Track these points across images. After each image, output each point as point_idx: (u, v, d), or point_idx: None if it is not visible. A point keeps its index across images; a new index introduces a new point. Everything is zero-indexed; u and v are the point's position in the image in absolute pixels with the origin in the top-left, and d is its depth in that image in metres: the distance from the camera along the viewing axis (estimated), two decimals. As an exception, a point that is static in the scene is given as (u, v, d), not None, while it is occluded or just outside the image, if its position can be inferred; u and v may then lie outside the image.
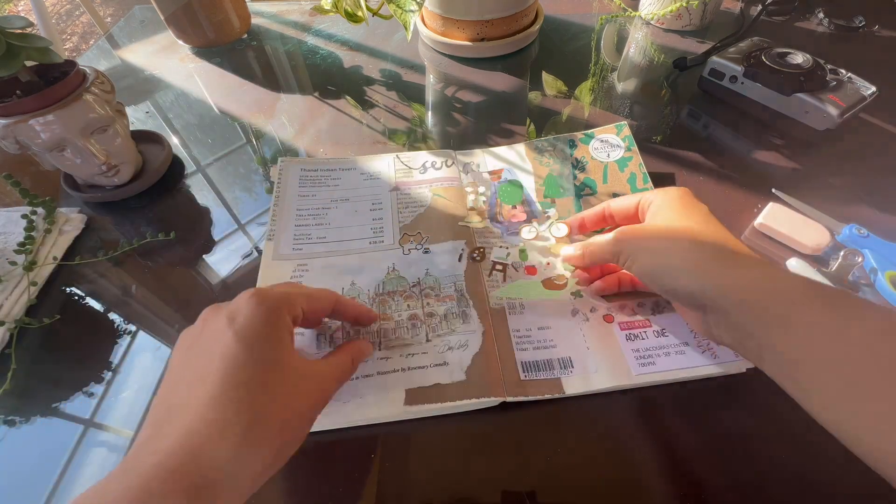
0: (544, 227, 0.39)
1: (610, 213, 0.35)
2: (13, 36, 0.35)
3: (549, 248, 0.38)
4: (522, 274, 0.37)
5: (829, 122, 0.45)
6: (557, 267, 0.37)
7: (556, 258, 0.37)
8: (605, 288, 0.34)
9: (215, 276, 0.39)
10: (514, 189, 0.42)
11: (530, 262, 0.37)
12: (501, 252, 0.38)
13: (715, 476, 0.27)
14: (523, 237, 0.39)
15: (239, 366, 0.20)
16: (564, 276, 0.36)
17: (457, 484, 0.28)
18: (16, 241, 0.38)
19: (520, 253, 0.38)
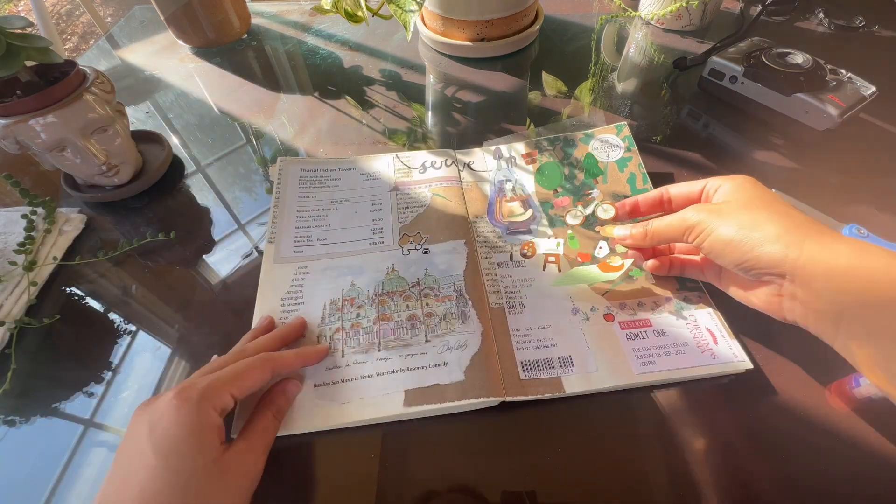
0: (590, 208, 0.39)
1: (669, 197, 0.34)
2: (13, 36, 0.35)
3: (602, 231, 0.38)
4: (576, 262, 0.37)
5: (829, 122, 0.45)
6: (605, 248, 0.37)
7: (606, 240, 0.37)
8: (660, 266, 0.35)
9: (215, 276, 0.39)
10: (552, 170, 0.40)
11: (582, 249, 0.37)
12: (551, 243, 0.38)
13: (715, 476, 0.27)
14: (569, 222, 0.38)
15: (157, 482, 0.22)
16: (618, 258, 0.36)
17: (457, 484, 0.28)
18: (16, 241, 0.38)
19: (569, 240, 0.38)
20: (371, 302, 0.35)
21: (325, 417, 0.29)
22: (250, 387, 0.27)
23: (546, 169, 0.41)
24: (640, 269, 0.36)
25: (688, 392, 0.31)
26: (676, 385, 0.31)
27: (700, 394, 0.31)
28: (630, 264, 0.36)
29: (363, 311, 0.35)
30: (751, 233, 0.27)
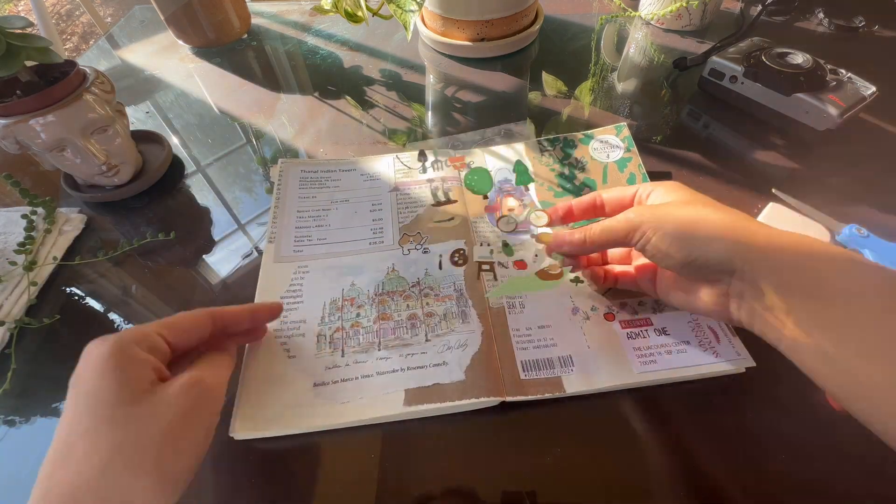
0: (523, 216, 0.38)
1: (602, 202, 0.33)
2: (13, 36, 0.35)
3: (538, 238, 0.37)
4: (513, 270, 0.36)
5: (829, 122, 0.45)
6: (541, 257, 0.36)
7: (543, 247, 0.36)
8: (596, 277, 0.34)
9: (215, 276, 0.39)
10: (481, 176, 0.39)
11: (517, 257, 0.36)
12: (484, 251, 0.36)
13: (715, 475, 0.27)
14: (502, 229, 0.37)
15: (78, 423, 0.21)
16: (557, 265, 0.35)
17: (457, 484, 0.28)
18: (16, 241, 0.38)
19: (503, 247, 0.36)
20: (371, 301, 0.35)
21: (325, 417, 0.29)
22: (184, 330, 0.26)
23: (476, 174, 0.39)
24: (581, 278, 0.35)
25: (689, 391, 0.31)
26: (678, 384, 0.31)
27: (701, 392, 0.31)
28: (568, 272, 0.35)
29: (363, 310, 0.35)
30: (697, 228, 0.26)
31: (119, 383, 0.22)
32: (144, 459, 0.21)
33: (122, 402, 0.21)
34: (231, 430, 0.29)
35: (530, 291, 0.34)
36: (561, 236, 0.32)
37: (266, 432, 0.29)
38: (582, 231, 0.31)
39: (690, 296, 0.29)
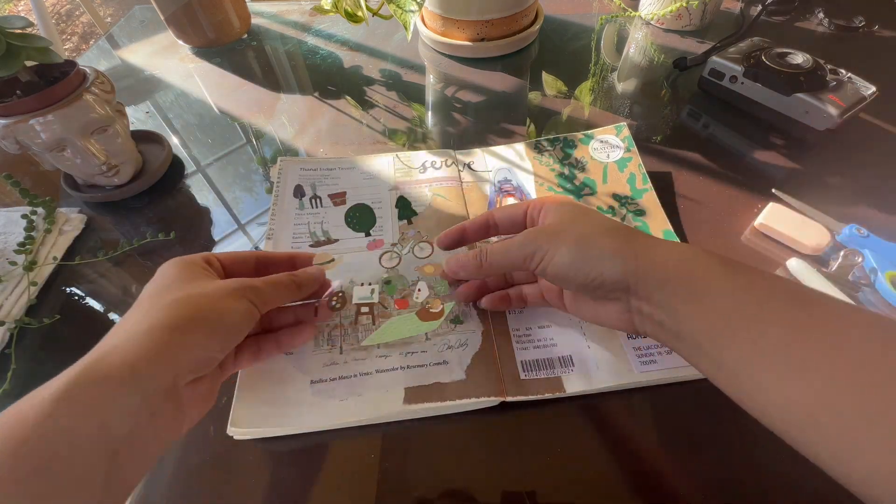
0: (406, 249, 0.36)
1: (494, 222, 0.32)
2: (13, 36, 0.35)
3: (421, 270, 0.35)
4: (394, 310, 0.33)
5: (829, 122, 0.45)
6: (425, 291, 0.34)
7: (427, 280, 0.34)
8: (498, 301, 0.33)
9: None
10: (364, 214, 0.37)
11: (399, 294, 0.34)
12: (364, 291, 0.34)
13: (715, 475, 0.27)
14: (384, 265, 0.35)
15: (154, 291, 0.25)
16: (439, 302, 0.33)
17: (457, 484, 0.28)
18: (16, 241, 0.38)
19: (385, 285, 0.34)
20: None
21: (323, 415, 0.29)
22: (235, 259, 0.29)
23: (357, 211, 0.37)
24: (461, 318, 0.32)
25: (688, 391, 0.31)
26: (677, 384, 0.31)
27: (701, 392, 0.31)
28: (451, 308, 0.33)
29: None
30: (590, 250, 0.26)
31: (179, 272, 0.26)
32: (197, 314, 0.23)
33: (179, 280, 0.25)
34: (229, 428, 0.29)
35: (406, 337, 0.32)
36: (456, 262, 0.31)
37: (264, 431, 0.29)
38: (476, 255, 0.30)
39: (598, 313, 0.29)
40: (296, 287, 0.29)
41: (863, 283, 0.35)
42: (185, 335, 0.22)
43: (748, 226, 0.40)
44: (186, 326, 0.22)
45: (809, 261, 0.36)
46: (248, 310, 0.25)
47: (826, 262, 0.37)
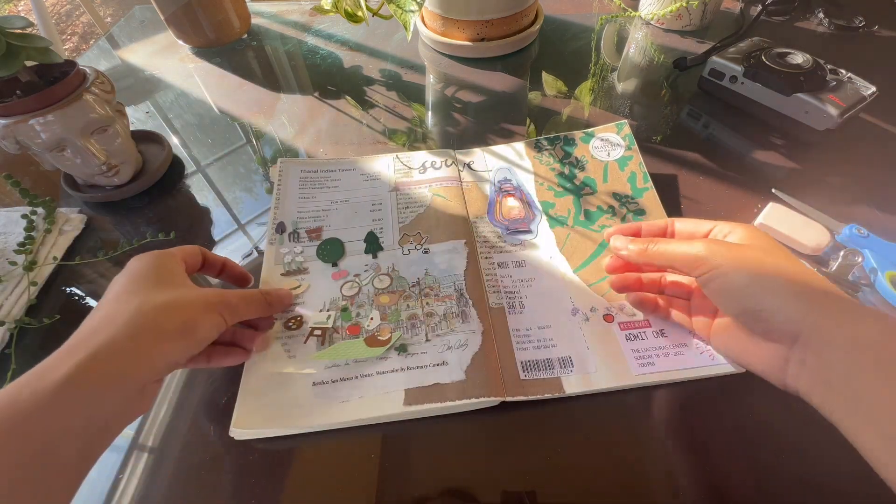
0: (367, 280, 0.36)
1: (672, 230, 0.32)
2: (13, 36, 0.35)
3: (377, 299, 0.35)
4: (344, 335, 0.33)
5: (829, 122, 0.45)
6: (377, 319, 0.34)
7: (381, 309, 0.35)
8: (645, 303, 0.32)
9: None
10: (334, 246, 0.38)
11: (353, 322, 0.34)
12: (321, 316, 0.34)
13: (714, 475, 0.27)
14: (345, 294, 0.36)
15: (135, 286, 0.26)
16: (387, 331, 0.33)
17: (457, 484, 0.28)
18: (16, 241, 0.38)
19: (342, 313, 0.35)
20: (371, 301, 0.35)
21: (325, 416, 0.29)
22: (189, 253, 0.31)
23: (329, 245, 0.39)
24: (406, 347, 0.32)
25: (687, 392, 0.31)
26: (676, 385, 0.31)
27: (699, 393, 0.31)
28: (398, 337, 0.33)
29: (363, 310, 0.35)
30: (772, 282, 0.24)
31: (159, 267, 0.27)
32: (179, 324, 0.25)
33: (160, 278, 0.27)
34: (231, 429, 0.29)
35: (352, 358, 0.32)
36: (622, 239, 0.32)
37: (266, 431, 0.29)
38: (646, 240, 0.30)
39: (748, 348, 0.27)
40: (266, 304, 0.32)
41: (863, 283, 0.35)
42: (165, 343, 0.24)
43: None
44: (168, 335, 0.24)
45: (809, 261, 0.36)
46: (219, 323, 0.27)
47: (826, 262, 0.37)
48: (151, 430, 0.30)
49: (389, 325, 0.34)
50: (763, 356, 0.26)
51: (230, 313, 0.28)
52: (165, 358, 0.24)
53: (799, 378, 0.24)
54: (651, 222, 0.33)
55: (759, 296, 0.25)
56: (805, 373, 0.24)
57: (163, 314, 0.25)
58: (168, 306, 0.25)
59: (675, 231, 0.32)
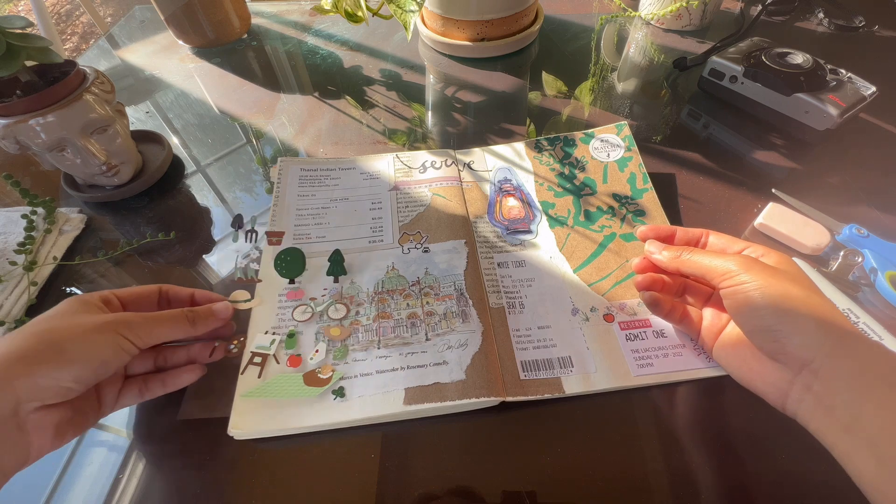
0: (321, 307, 0.34)
1: (705, 241, 0.32)
2: (13, 36, 0.35)
3: (327, 330, 0.33)
4: (284, 366, 0.32)
5: (829, 122, 0.45)
6: (322, 354, 0.32)
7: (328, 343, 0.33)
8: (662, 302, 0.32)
9: (215, 276, 0.39)
10: (295, 259, 0.36)
11: (296, 351, 0.32)
12: (265, 340, 0.32)
13: (713, 475, 0.27)
14: (296, 318, 0.34)
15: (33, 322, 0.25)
16: (329, 369, 0.31)
17: (457, 484, 0.28)
18: (16, 241, 0.38)
19: (287, 339, 0.33)
20: (371, 300, 0.35)
21: (325, 415, 0.29)
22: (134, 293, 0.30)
23: (288, 255, 0.36)
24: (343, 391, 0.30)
25: (687, 392, 0.31)
26: (675, 385, 0.31)
27: (699, 394, 0.31)
28: (338, 378, 0.31)
29: (363, 308, 0.35)
30: (795, 306, 0.25)
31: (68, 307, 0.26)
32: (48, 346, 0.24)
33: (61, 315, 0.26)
34: (229, 428, 0.29)
35: (287, 398, 0.30)
36: (658, 244, 0.32)
37: (264, 431, 0.29)
38: (679, 248, 0.31)
39: (752, 366, 0.27)
40: (188, 323, 0.29)
41: (863, 283, 0.35)
42: (31, 365, 0.23)
43: (748, 226, 0.40)
44: (33, 357, 0.23)
45: (809, 261, 0.36)
46: (114, 344, 0.25)
47: (826, 262, 0.37)
48: (151, 430, 0.30)
49: (334, 363, 0.32)
50: (766, 376, 0.26)
51: (136, 334, 0.26)
52: (32, 382, 0.23)
53: (801, 402, 0.24)
54: (687, 229, 0.33)
55: (780, 317, 0.25)
56: (809, 398, 0.24)
57: (28, 339, 0.24)
58: (44, 332, 0.24)
59: (707, 243, 0.32)
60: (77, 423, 0.25)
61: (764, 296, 0.25)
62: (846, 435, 0.23)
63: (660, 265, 0.32)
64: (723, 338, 0.30)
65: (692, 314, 0.32)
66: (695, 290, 0.33)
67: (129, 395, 0.29)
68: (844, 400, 0.23)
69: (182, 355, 0.31)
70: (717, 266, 0.28)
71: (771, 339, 0.25)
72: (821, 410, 0.24)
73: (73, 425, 0.25)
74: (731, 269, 0.27)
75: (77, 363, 0.24)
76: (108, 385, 0.28)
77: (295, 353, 0.32)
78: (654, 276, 0.32)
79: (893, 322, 0.33)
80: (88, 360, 0.24)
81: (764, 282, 0.26)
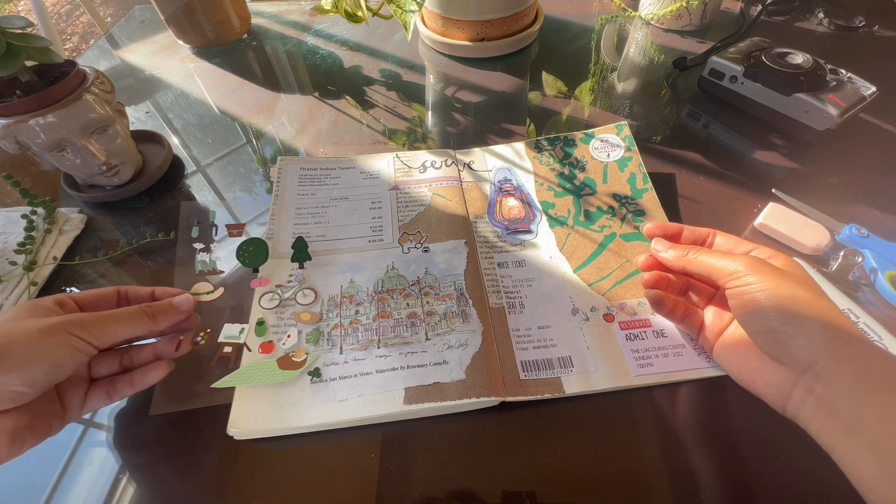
0: (290, 293, 0.35)
1: (712, 241, 0.32)
2: (13, 36, 0.35)
3: (298, 316, 0.34)
4: (256, 353, 0.32)
5: (829, 122, 0.45)
6: (294, 338, 0.33)
7: (300, 326, 0.33)
8: (664, 299, 0.32)
9: (215, 277, 0.39)
10: (257, 249, 0.36)
11: (267, 338, 0.33)
12: (233, 329, 0.32)
13: (713, 475, 0.27)
14: (263, 307, 0.34)
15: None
16: (303, 352, 0.32)
17: (457, 484, 0.28)
18: (16, 241, 0.38)
19: (256, 327, 0.33)
20: (370, 299, 0.35)
21: (324, 415, 0.29)
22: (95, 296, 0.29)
23: (251, 245, 0.36)
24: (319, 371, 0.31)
25: (687, 392, 0.31)
26: (675, 385, 0.31)
27: (699, 394, 0.31)
28: (314, 360, 0.32)
29: (362, 307, 0.35)
30: (801, 309, 0.25)
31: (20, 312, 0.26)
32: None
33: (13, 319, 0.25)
34: (228, 428, 0.29)
35: (263, 384, 0.30)
36: (664, 242, 0.32)
37: (264, 430, 0.29)
38: (686, 248, 0.31)
39: (751, 369, 0.27)
40: (148, 318, 0.28)
41: (863, 283, 0.35)
42: None
43: (748, 226, 0.40)
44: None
45: (810, 261, 0.36)
46: (66, 344, 0.24)
47: (826, 262, 0.37)
48: (151, 430, 0.30)
49: (306, 346, 0.32)
50: (768, 378, 0.26)
51: (90, 333, 0.25)
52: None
53: (802, 405, 0.24)
54: (694, 228, 0.33)
55: (785, 319, 0.25)
56: (811, 400, 0.24)
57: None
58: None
59: (713, 243, 0.32)
60: (37, 428, 0.25)
61: (770, 297, 0.25)
62: (848, 437, 0.22)
63: (665, 263, 0.32)
64: (724, 338, 0.30)
65: (694, 313, 0.32)
66: (697, 289, 0.33)
67: (97, 397, 0.28)
68: (847, 403, 0.23)
69: (148, 353, 0.30)
70: (723, 266, 0.28)
71: (775, 340, 0.25)
72: (822, 412, 0.24)
73: (31, 431, 0.24)
74: (738, 269, 0.27)
75: (26, 365, 0.23)
76: (71, 389, 0.27)
77: (266, 340, 0.32)
78: (660, 274, 0.32)
79: (893, 322, 0.33)
80: (37, 363, 0.23)
81: (771, 283, 0.26)
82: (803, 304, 0.25)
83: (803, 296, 0.25)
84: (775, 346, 0.25)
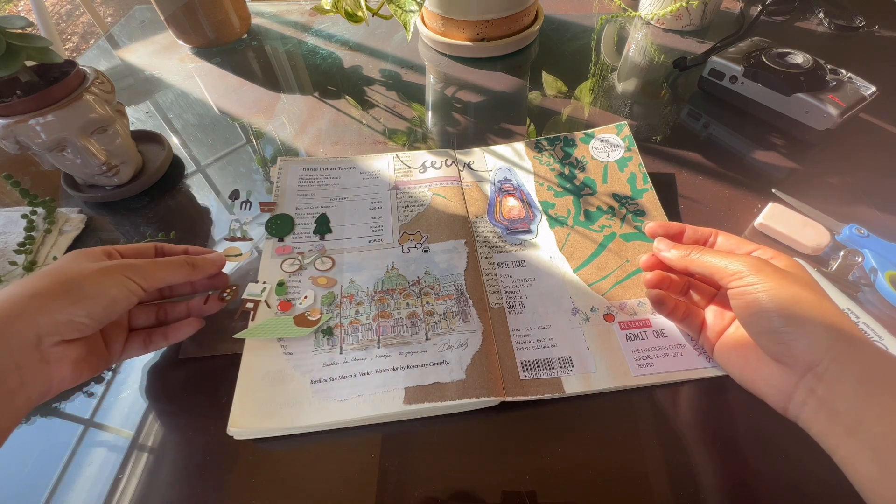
0: (308, 260, 0.37)
1: (714, 241, 0.32)
2: (13, 36, 0.35)
3: (315, 280, 0.36)
4: (275, 310, 0.34)
5: (829, 122, 0.45)
6: (311, 299, 0.35)
7: (316, 290, 0.35)
8: (665, 300, 0.32)
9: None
10: (284, 222, 0.40)
11: (286, 297, 0.35)
12: (256, 288, 0.35)
13: (713, 476, 0.27)
14: (285, 270, 0.37)
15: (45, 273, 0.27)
16: (317, 311, 0.34)
17: (457, 484, 0.28)
18: (16, 241, 0.38)
19: (277, 287, 0.36)
20: (370, 299, 0.35)
21: (324, 415, 0.29)
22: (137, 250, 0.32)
23: (278, 219, 0.40)
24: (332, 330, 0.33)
25: (687, 392, 0.31)
26: (675, 385, 0.31)
27: (699, 394, 0.31)
28: (327, 320, 0.34)
29: (362, 307, 0.35)
30: (803, 310, 0.25)
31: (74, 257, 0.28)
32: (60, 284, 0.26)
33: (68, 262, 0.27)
34: (228, 427, 0.29)
35: (279, 337, 0.33)
36: (667, 242, 0.32)
37: (264, 430, 0.29)
38: (688, 247, 0.31)
39: (753, 370, 0.27)
40: (189, 267, 0.31)
41: (863, 283, 0.35)
42: (46, 301, 0.25)
43: (748, 226, 0.40)
44: (47, 293, 0.25)
45: (809, 261, 0.36)
46: (121, 284, 0.27)
47: (826, 262, 0.37)
48: (151, 430, 0.30)
49: (321, 307, 0.35)
50: (769, 378, 0.26)
51: (142, 276, 0.28)
52: (49, 316, 0.24)
53: (804, 406, 0.24)
54: (696, 228, 0.33)
55: (788, 319, 0.25)
56: (812, 401, 0.24)
57: (43, 279, 0.26)
58: (55, 272, 0.26)
59: (715, 243, 0.32)
60: (92, 362, 0.27)
61: (773, 298, 0.25)
62: (849, 439, 0.22)
63: (668, 263, 0.32)
64: (725, 338, 0.30)
65: (694, 313, 0.32)
66: (699, 289, 0.33)
67: (134, 346, 0.31)
68: (849, 404, 0.23)
69: (181, 309, 0.33)
70: (726, 266, 0.28)
71: (777, 341, 0.25)
72: (824, 414, 0.23)
73: (87, 364, 0.27)
74: (740, 269, 0.27)
75: (89, 300, 0.26)
76: (114, 335, 0.30)
77: (284, 298, 0.35)
78: (662, 273, 0.32)
79: (893, 322, 0.33)
80: (98, 298, 0.26)
81: (773, 284, 0.26)
82: (806, 305, 0.25)
83: (806, 297, 0.25)
84: (777, 347, 0.25)
